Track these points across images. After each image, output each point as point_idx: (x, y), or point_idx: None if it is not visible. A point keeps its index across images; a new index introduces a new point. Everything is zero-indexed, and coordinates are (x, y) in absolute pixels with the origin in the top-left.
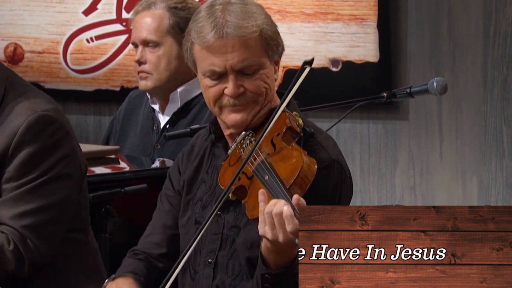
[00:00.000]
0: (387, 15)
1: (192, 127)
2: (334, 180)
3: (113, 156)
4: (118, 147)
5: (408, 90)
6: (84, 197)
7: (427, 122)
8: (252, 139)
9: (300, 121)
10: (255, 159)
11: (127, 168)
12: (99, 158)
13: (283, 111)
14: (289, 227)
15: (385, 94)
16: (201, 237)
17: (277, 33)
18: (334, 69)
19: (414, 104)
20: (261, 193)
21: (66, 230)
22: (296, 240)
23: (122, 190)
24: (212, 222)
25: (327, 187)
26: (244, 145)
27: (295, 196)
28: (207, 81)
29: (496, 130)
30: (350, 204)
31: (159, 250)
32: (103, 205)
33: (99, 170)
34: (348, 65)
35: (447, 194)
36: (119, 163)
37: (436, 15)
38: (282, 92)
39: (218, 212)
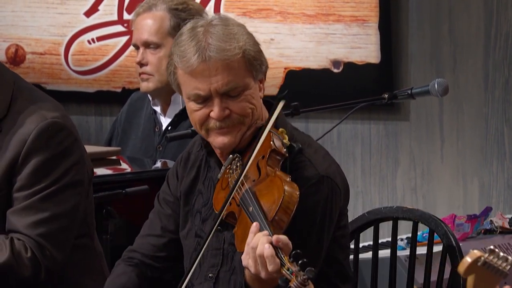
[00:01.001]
0: (388, 16)
1: (193, 128)
2: (324, 195)
3: (114, 158)
4: (119, 148)
5: (409, 91)
6: (89, 202)
7: (428, 123)
8: (239, 164)
9: (286, 139)
10: (242, 185)
11: (128, 170)
12: (100, 160)
13: (268, 131)
14: (270, 267)
15: (386, 95)
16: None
17: (260, 52)
18: (335, 70)
19: (415, 105)
20: (255, 225)
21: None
22: (280, 281)
23: (123, 191)
24: (213, 237)
25: (316, 203)
26: (232, 169)
27: (274, 238)
28: (192, 105)
29: (498, 132)
30: (349, 206)
31: (158, 253)
32: (104, 207)
33: (100, 171)
34: (350, 66)
35: (448, 195)
36: (120, 164)
37: (437, 16)
38: (270, 101)
39: (219, 228)
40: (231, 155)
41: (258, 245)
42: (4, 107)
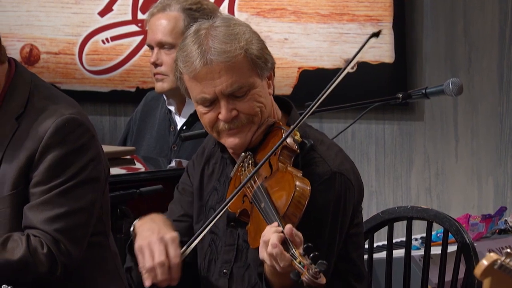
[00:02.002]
0: (402, 16)
1: None
2: (336, 192)
3: (129, 157)
4: (134, 148)
5: (423, 91)
6: (105, 200)
7: (442, 123)
8: (250, 162)
9: (298, 136)
10: (254, 181)
11: (143, 169)
12: (115, 159)
13: (279, 128)
14: (281, 263)
15: (400, 95)
16: (216, 248)
17: (264, 49)
18: (349, 70)
19: (429, 105)
20: (275, 223)
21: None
22: (291, 275)
23: (138, 191)
24: (226, 233)
25: (328, 200)
26: (244, 167)
27: (288, 228)
28: (201, 108)
29: None
30: (363, 206)
31: (180, 237)
32: (118, 206)
33: (115, 171)
34: (364, 66)
35: (463, 195)
36: (135, 164)
37: (452, 16)
38: (283, 99)
39: (232, 223)
40: (243, 153)
41: (269, 244)
42: (21, 104)
